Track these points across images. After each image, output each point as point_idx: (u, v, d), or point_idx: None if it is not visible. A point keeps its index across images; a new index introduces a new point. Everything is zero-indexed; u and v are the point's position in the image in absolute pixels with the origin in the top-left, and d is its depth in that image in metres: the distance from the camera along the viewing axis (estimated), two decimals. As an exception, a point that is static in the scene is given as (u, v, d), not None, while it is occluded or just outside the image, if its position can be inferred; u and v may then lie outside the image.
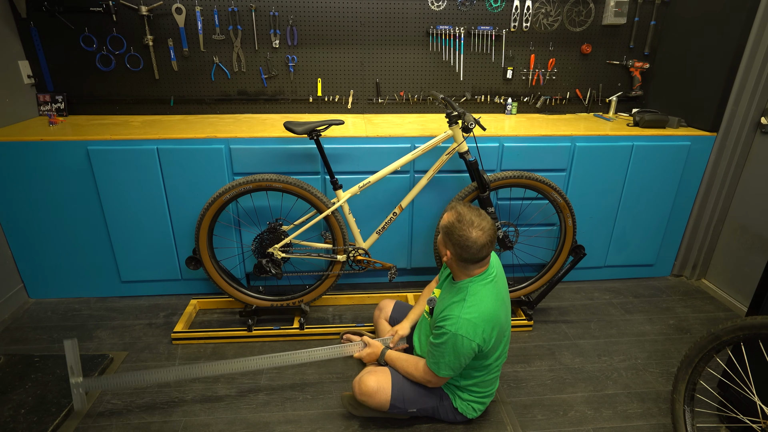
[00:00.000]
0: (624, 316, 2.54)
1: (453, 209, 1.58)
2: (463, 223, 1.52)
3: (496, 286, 1.62)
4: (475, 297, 1.56)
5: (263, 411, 1.87)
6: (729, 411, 1.74)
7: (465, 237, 1.51)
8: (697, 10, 2.62)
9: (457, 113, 2.11)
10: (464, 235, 1.51)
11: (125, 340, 2.27)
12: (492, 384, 1.75)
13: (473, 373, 1.68)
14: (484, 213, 1.58)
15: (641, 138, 2.52)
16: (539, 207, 2.57)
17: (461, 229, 1.52)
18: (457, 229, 1.52)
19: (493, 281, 1.61)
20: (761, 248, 2.45)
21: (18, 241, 2.42)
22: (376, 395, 1.68)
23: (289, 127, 2.12)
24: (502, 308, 1.62)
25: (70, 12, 2.55)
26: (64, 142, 2.24)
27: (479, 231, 1.51)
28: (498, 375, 1.76)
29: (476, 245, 1.51)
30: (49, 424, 1.75)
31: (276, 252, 2.25)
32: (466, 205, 1.60)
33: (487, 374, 1.70)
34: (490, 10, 2.77)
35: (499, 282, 1.65)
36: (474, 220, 1.53)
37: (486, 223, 1.54)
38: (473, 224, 1.52)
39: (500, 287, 1.64)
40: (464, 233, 1.51)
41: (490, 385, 1.74)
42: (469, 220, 1.52)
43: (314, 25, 2.71)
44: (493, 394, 1.80)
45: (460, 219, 1.53)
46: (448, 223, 1.56)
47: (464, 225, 1.52)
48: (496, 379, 1.77)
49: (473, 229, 1.51)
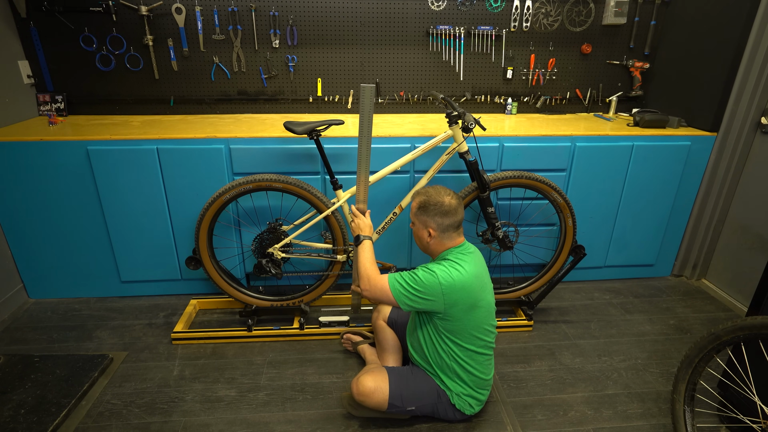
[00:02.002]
0: (624, 316, 2.54)
1: (417, 194, 1.75)
2: (431, 196, 1.69)
3: (476, 261, 1.70)
4: (455, 263, 1.65)
5: (263, 411, 1.87)
6: (729, 411, 1.74)
7: (440, 203, 1.66)
8: (697, 10, 2.62)
9: (457, 113, 2.11)
10: (439, 201, 1.67)
11: (125, 340, 2.27)
12: (483, 373, 1.74)
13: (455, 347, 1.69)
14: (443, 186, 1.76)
15: (641, 138, 2.52)
16: (539, 207, 2.57)
17: (434, 199, 1.67)
18: (431, 202, 1.67)
19: (473, 254, 1.72)
20: (761, 248, 2.45)
21: (18, 241, 2.42)
22: (374, 395, 1.68)
23: (289, 127, 2.12)
24: (478, 283, 1.67)
25: (70, 12, 2.55)
26: (64, 142, 2.24)
27: (448, 196, 1.69)
28: (488, 363, 1.76)
29: (452, 207, 1.67)
30: (49, 424, 1.75)
31: (276, 252, 2.25)
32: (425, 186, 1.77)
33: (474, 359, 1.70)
34: (490, 10, 2.77)
35: (479, 261, 1.73)
36: (440, 190, 1.71)
37: (449, 191, 1.72)
38: (440, 193, 1.69)
39: (480, 268, 1.72)
40: (438, 200, 1.67)
41: (481, 373, 1.73)
42: (435, 192, 1.70)
43: (314, 25, 2.71)
44: (488, 388, 1.80)
45: (427, 194, 1.70)
46: (420, 202, 1.71)
47: (433, 196, 1.68)
48: (488, 368, 1.76)
49: (443, 196, 1.68)
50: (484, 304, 1.69)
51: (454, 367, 1.71)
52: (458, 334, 1.68)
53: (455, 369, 1.71)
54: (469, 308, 1.64)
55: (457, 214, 1.68)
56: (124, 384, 2.00)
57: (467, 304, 1.63)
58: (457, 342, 1.69)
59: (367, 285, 1.71)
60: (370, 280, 1.71)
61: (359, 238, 1.86)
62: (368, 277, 1.72)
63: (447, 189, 1.72)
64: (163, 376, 2.05)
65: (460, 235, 1.74)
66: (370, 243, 1.85)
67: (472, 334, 1.68)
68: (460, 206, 1.70)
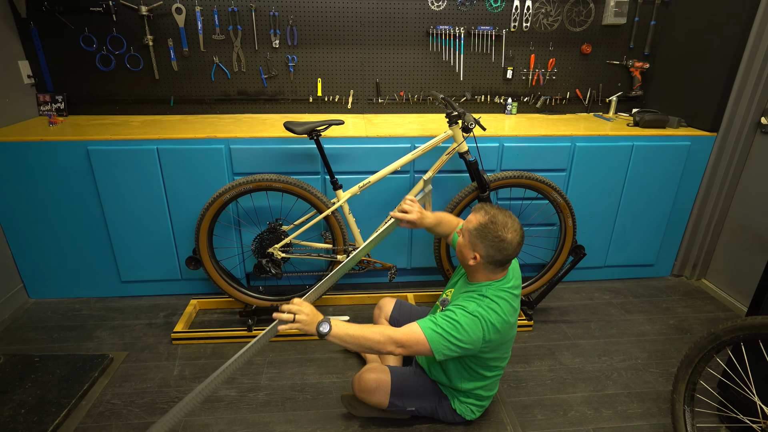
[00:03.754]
0: (624, 316, 2.54)
1: (482, 210, 1.53)
2: (497, 225, 1.48)
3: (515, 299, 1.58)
4: (494, 302, 1.52)
5: (263, 411, 1.87)
6: (729, 411, 1.74)
7: (501, 238, 1.47)
8: (697, 10, 2.62)
9: (457, 113, 2.11)
10: (500, 236, 1.47)
11: (125, 340, 2.27)
12: (490, 389, 1.75)
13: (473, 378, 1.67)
14: (512, 214, 1.55)
15: (641, 138, 2.52)
16: (539, 207, 2.57)
17: (496, 231, 1.47)
18: (492, 231, 1.48)
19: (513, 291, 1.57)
20: (761, 248, 2.45)
21: (18, 241, 2.42)
22: (375, 392, 1.69)
23: (289, 127, 2.12)
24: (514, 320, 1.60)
25: (70, 12, 2.55)
26: (64, 142, 2.24)
27: (513, 232, 1.49)
28: (497, 380, 1.76)
29: (511, 246, 1.48)
30: (49, 424, 1.75)
31: (276, 252, 2.25)
32: (495, 206, 1.56)
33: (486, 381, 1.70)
34: (490, 10, 2.77)
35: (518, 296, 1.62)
36: (507, 221, 1.50)
37: (517, 225, 1.52)
38: (507, 226, 1.49)
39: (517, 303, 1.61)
40: (500, 234, 1.47)
41: (488, 390, 1.74)
42: (502, 222, 1.49)
43: (314, 25, 2.71)
44: (491, 398, 1.81)
45: (493, 221, 1.49)
46: (480, 224, 1.50)
47: (498, 227, 1.48)
48: (496, 384, 1.78)
49: (508, 230, 1.48)
50: (512, 336, 1.65)
51: (464, 386, 1.71)
52: (482, 365, 1.64)
53: (466, 387, 1.71)
54: (501, 345, 1.60)
55: (514, 253, 1.50)
56: (125, 384, 2.00)
57: (498, 344, 1.57)
58: (477, 370, 1.66)
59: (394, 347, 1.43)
60: (394, 338, 1.43)
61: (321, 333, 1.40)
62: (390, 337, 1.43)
63: (515, 220, 1.51)
64: (163, 376, 2.05)
65: (506, 269, 1.58)
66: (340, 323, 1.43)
67: (494, 365, 1.67)
68: (519, 246, 1.50)
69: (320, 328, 1.40)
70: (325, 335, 1.40)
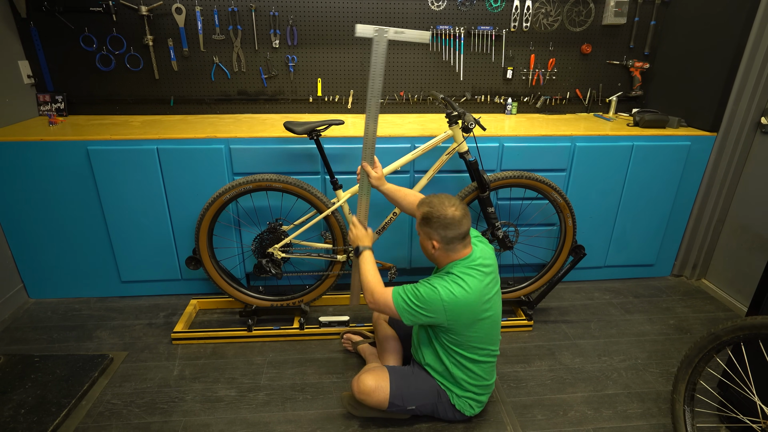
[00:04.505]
0: (624, 316, 2.54)
1: (421, 203, 1.67)
2: (435, 207, 1.61)
3: (483, 275, 1.64)
4: (459, 278, 1.60)
5: (263, 411, 1.87)
6: (729, 411, 1.74)
7: (443, 215, 1.59)
8: (697, 10, 2.62)
9: (457, 113, 2.11)
10: (442, 214, 1.59)
11: (125, 340, 2.28)
12: (485, 379, 1.74)
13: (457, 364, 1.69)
14: (449, 195, 1.68)
15: (641, 138, 2.52)
16: (539, 207, 2.57)
17: (438, 211, 1.60)
18: (435, 213, 1.60)
19: (479, 273, 1.63)
20: (761, 248, 2.45)
21: (18, 241, 2.42)
22: (375, 393, 1.69)
23: (289, 127, 2.12)
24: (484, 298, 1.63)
25: (70, 12, 2.55)
26: (64, 142, 2.24)
27: (452, 207, 1.60)
28: (490, 369, 1.76)
29: (455, 219, 1.59)
30: (49, 424, 1.75)
31: (276, 252, 2.25)
32: (431, 195, 1.69)
33: (477, 367, 1.70)
34: (490, 10, 2.77)
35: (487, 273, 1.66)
36: (443, 201, 1.62)
37: (454, 200, 1.63)
38: (444, 204, 1.61)
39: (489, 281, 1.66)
40: (442, 213, 1.59)
41: (483, 380, 1.74)
42: (439, 203, 1.62)
43: (314, 25, 2.71)
44: (490, 391, 1.80)
45: (431, 205, 1.63)
46: (422, 215, 1.64)
47: (436, 208, 1.61)
48: (490, 374, 1.77)
49: (446, 207, 1.60)
50: (489, 315, 1.67)
51: (457, 373, 1.72)
52: (463, 346, 1.67)
53: (459, 375, 1.72)
54: (472, 323, 1.63)
55: (461, 226, 1.60)
56: (124, 384, 2.00)
57: (470, 319, 1.62)
58: (462, 353, 1.68)
59: (371, 298, 1.70)
60: (374, 293, 1.69)
61: (359, 249, 1.82)
62: (372, 290, 1.70)
63: (452, 198, 1.64)
64: (163, 376, 2.05)
65: (467, 246, 1.66)
66: (371, 253, 1.81)
67: (477, 346, 1.68)
68: (465, 217, 1.61)
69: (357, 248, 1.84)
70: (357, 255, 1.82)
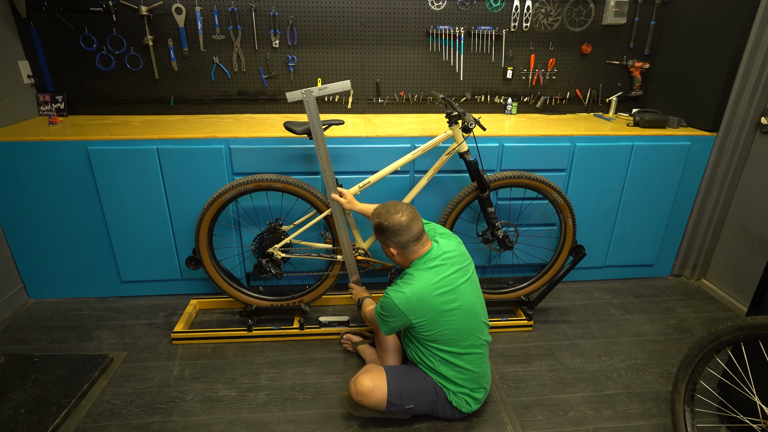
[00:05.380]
0: (624, 316, 2.54)
1: (373, 215, 1.77)
2: (383, 216, 1.71)
3: (438, 270, 1.68)
4: (411, 276, 1.69)
5: (263, 411, 1.87)
6: (729, 411, 1.74)
7: (392, 223, 1.68)
8: (697, 10, 2.62)
9: (457, 113, 2.11)
10: (391, 222, 1.68)
11: (125, 340, 2.28)
12: (474, 372, 1.74)
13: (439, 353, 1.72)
14: (394, 201, 1.77)
15: (641, 138, 2.52)
16: (539, 207, 2.57)
17: (386, 220, 1.69)
18: (384, 223, 1.69)
19: (434, 262, 1.70)
20: (761, 248, 2.45)
21: (18, 241, 2.42)
22: (372, 394, 1.69)
23: (289, 127, 2.12)
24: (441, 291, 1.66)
25: (70, 12, 2.55)
26: (64, 142, 2.24)
27: (398, 214, 1.69)
28: (478, 361, 1.75)
29: (402, 225, 1.67)
30: (49, 424, 1.75)
31: (276, 252, 2.25)
32: (379, 205, 1.78)
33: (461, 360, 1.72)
34: (490, 10, 2.77)
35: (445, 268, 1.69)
36: (389, 208, 1.72)
37: (401, 206, 1.72)
38: (390, 212, 1.70)
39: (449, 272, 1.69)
40: (390, 221, 1.68)
41: (472, 373, 1.74)
42: (385, 212, 1.71)
43: (314, 25, 2.71)
44: (485, 386, 1.80)
45: (380, 216, 1.72)
46: (375, 227, 1.74)
47: (383, 218, 1.70)
48: (479, 365, 1.76)
49: (394, 215, 1.69)
50: (457, 306, 1.68)
51: (443, 370, 1.73)
52: (440, 341, 1.70)
53: (445, 371, 1.73)
54: (438, 316, 1.66)
55: (411, 229, 1.68)
56: (124, 384, 2.00)
57: (433, 313, 1.66)
58: (442, 348, 1.71)
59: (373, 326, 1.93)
60: (374, 323, 1.85)
61: (360, 302, 2.06)
62: (373, 322, 1.86)
63: (398, 204, 1.73)
64: (163, 376, 2.05)
65: (424, 244, 1.73)
66: (368, 299, 2.05)
67: (453, 338, 1.70)
68: (413, 221, 1.68)
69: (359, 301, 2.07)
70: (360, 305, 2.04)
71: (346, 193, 2.13)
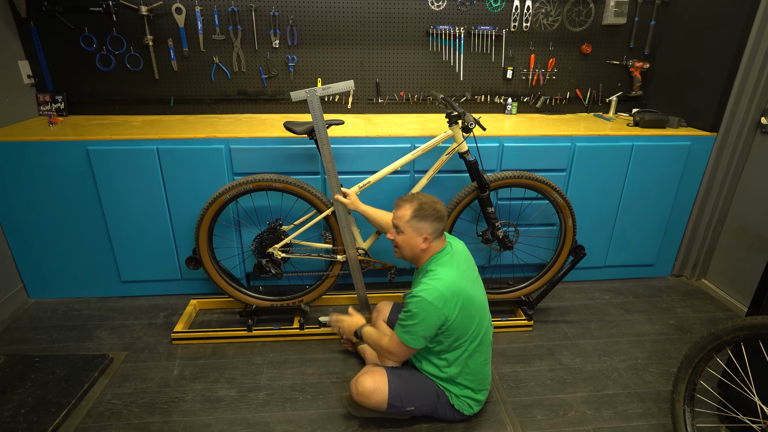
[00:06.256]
0: (624, 316, 2.54)
1: (405, 202, 1.72)
2: (425, 203, 1.69)
3: (458, 261, 1.71)
4: (435, 272, 1.66)
5: (263, 411, 1.87)
6: (729, 411, 1.74)
7: (435, 210, 1.68)
8: (697, 10, 2.62)
9: (457, 113, 2.11)
10: (434, 207, 1.68)
11: (125, 340, 2.28)
12: (479, 373, 1.75)
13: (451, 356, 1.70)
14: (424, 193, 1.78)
15: (641, 138, 2.52)
16: (539, 207, 2.57)
17: (429, 205, 1.68)
18: (427, 208, 1.67)
19: (452, 255, 1.72)
20: (761, 248, 2.45)
21: (18, 241, 2.42)
22: (373, 395, 1.68)
23: (289, 127, 2.12)
24: (466, 281, 1.67)
25: (70, 12, 2.55)
26: (64, 142, 2.24)
27: (438, 203, 1.71)
28: (485, 363, 1.76)
29: (444, 212, 1.71)
30: (49, 424, 1.75)
31: (276, 252, 2.25)
32: (409, 195, 1.76)
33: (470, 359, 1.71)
34: (490, 10, 2.77)
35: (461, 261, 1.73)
36: (428, 198, 1.72)
37: (434, 196, 1.75)
38: (433, 200, 1.71)
39: (464, 267, 1.73)
40: (433, 206, 1.68)
41: (478, 374, 1.74)
42: (426, 198, 1.71)
43: (314, 25, 2.71)
44: (487, 389, 1.80)
45: (420, 200, 1.70)
46: (414, 211, 1.68)
47: (427, 203, 1.69)
48: (485, 367, 1.77)
49: (435, 203, 1.70)
50: (478, 301, 1.70)
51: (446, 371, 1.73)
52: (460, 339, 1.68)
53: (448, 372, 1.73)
54: (465, 308, 1.65)
55: (446, 218, 1.74)
56: (124, 384, 2.00)
57: (462, 306, 1.63)
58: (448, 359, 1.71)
59: (391, 356, 1.72)
60: (390, 350, 1.70)
61: (357, 333, 1.83)
62: (387, 350, 1.71)
63: (430, 195, 1.76)
64: (163, 376, 2.05)
65: (443, 240, 1.75)
66: (368, 327, 1.83)
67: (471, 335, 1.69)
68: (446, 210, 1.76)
69: (356, 332, 1.83)
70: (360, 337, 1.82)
71: (350, 193, 2.13)
